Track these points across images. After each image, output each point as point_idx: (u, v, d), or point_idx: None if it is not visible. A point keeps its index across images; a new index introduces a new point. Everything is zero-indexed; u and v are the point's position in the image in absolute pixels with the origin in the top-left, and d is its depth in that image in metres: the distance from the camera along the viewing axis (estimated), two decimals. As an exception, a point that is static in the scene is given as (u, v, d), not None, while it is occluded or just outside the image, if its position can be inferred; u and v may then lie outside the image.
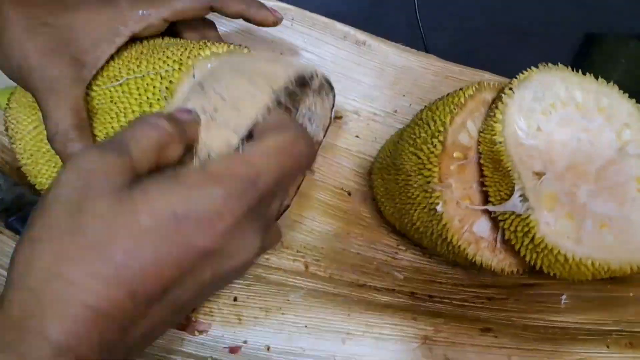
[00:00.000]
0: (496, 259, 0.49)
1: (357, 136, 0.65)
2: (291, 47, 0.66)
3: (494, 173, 0.48)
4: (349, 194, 0.62)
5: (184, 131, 0.30)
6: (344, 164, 0.64)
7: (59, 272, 0.23)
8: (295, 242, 0.57)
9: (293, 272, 0.53)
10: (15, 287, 0.24)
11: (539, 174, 0.46)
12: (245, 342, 0.46)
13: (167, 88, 0.38)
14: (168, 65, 0.39)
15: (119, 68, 0.41)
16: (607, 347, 0.46)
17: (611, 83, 0.51)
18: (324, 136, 0.45)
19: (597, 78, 0.51)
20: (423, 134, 0.50)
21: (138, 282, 0.24)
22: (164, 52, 0.40)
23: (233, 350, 0.46)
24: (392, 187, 0.54)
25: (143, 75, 0.39)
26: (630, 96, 0.51)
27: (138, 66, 0.40)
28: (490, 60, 0.68)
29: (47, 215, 0.25)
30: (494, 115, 0.47)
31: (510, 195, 0.46)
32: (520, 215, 0.45)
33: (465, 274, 0.56)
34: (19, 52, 0.38)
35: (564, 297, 0.52)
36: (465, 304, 0.52)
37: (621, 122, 0.50)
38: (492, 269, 0.49)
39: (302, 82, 0.36)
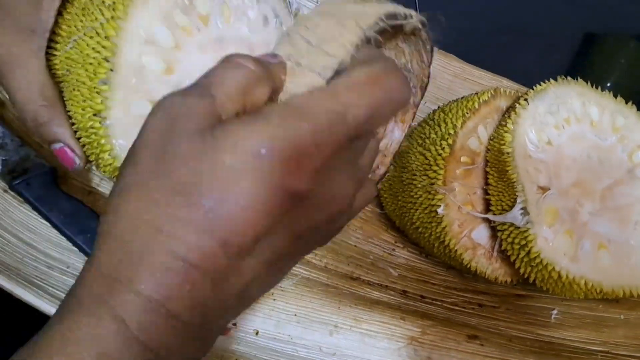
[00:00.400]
0: (491, 267, 0.49)
1: (367, 128, 0.64)
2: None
3: (498, 182, 0.47)
4: (354, 185, 0.62)
5: (270, 73, 0.27)
6: (352, 154, 0.63)
7: (146, 219, 0.22)
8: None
9: (289, 258, 0.54)
10: (104, 237, 0.23)
11: (544, 189, 0.46)
12: (235, 324, 0.47)
13: (104, 47, 0.34)
14: (103, 14, 0.34)
15: (69, 24, 0.36)
16: (591, 366, 0.46)
17: (630, 103, 0.51)
18: (422, 97, 0.40)
19: (597, 78, 0.50)
20: (433, 135, 0.49)
21: (228, 229, 0.22)
22: None
23: (223, 332, 0.46)
24: (396, 185, 0.54)
25: (84, 34, 0.34)
26: (630, 96, 0.51)
27: (81, 21, 0.35)
28: (491, 59, 0.67)
29: (133, 162, 0.24)
30: (505, 125, 0.47)
31: (511, 207, 0.46)
32: (519, 228, 0.45)
33: (459, 278, 0.56)
34: None
35: (554, 312, 0.52)
36: (456, 308, 0.53)
37: (635, 144, 0.49)
38: (486, 277, 0.49)
39: (395, 24, 0.32)
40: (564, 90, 0.49)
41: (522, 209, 0.45)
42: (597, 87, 0.50)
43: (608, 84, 0.76)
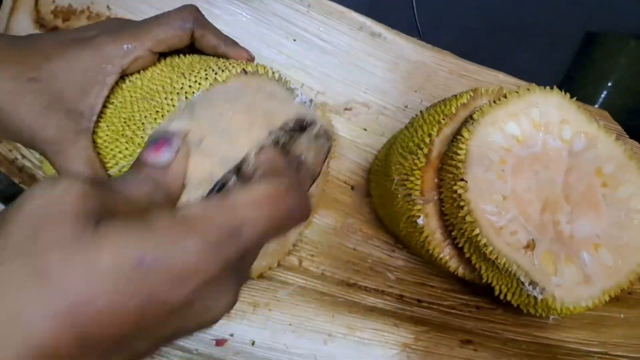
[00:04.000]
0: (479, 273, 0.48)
1: (365, 129, 0.64)
2: (305, 33, 0.65)
3: (480, 261, 0.45)
4: (352, 188, 0.63)
5: (169, 184, 0.28)
6: (350, 156, 0.64)
7: (4, 297, 0.21)
8: (292, 234, 0.58)
9: (286, 267, 0.54)
10: None
11: (529, 245, 0.43)
12: (231, 335, 0.48)
13: None
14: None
15: (113, 115, 0.40)
16: (587, 368, 0.46)
17: (524, 87, 0.47)
18: (308, 189, 0.41)
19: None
20: (410, 143, 0.48)
21: (90, 327, 0.21)
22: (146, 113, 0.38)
23: (219, 343, 0.48)
24: (383, 193, 0.53)
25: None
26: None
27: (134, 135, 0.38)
28: (491, 58, 0.66)
29: (3, 234, 0.22)
30: (468, 214, 0.43)
31: (514, 286, 0.44)
32: (537, 298, 0.43)
33: (457, 279, 0.56)
34: (15, 117, 0.36)
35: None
36: (452, 311, 0.53)
37: (556, 122, 0.46)
38: (476, 282, 0.49)
39: (301, 126, 0.35)
40: (482, 135, 0.44)
41: (530, 284, 0.42)
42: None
43: (609, 84, 0.74)
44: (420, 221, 0.46)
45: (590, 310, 0.49)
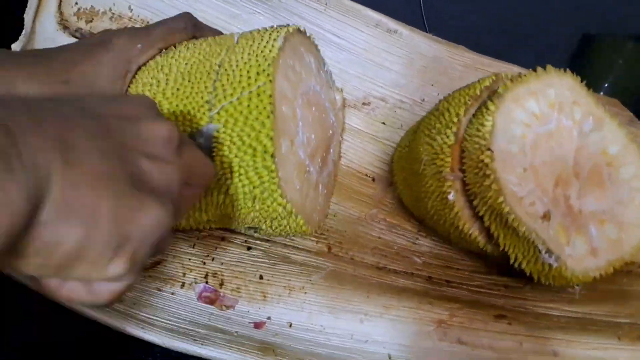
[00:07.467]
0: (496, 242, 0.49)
1: (383, 123, 0.66)
2: (322, 31, 0.67)
3: (500, 229, 0.47)
4: (373, 179, 0.64)
5: None
6: (370, 150, 0.65)
7: None
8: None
9: (316, 253, 0.56)
10: None
11: (546, 216, 0.45)
12: (269, 318, 0.49)
13: (270, 105, 0.42)
14: (252, 83, 0.43)
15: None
16: (618, 338, 0.47)
17: (541, 69, 0.49)
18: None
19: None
20: (438, 125, 0.50)
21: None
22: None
23: (258, 325, 0.48)
24: (409, 176, 0.55)
25: (237, 99, 0.43)
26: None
27: (229, 88, 0.45)
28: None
29: None
30: (494, 182, 0.44)
31: (529, 255, 0.46)
32: (551, 265, 0.45)
33: (483, 261, 0.58)
34: None
35: (578, 288, 0.52)
36: (482, 290, 0.54)
37: (569, 104, 0.48)
38: (499, 262, 0.50)
39: None
40: (505, 111, 0.46)
41: (546, 252, 0.44)
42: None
43: (606, 85, 0.76)
44: (451, 197, 0.48)
45: (614, 285, 0.50)
